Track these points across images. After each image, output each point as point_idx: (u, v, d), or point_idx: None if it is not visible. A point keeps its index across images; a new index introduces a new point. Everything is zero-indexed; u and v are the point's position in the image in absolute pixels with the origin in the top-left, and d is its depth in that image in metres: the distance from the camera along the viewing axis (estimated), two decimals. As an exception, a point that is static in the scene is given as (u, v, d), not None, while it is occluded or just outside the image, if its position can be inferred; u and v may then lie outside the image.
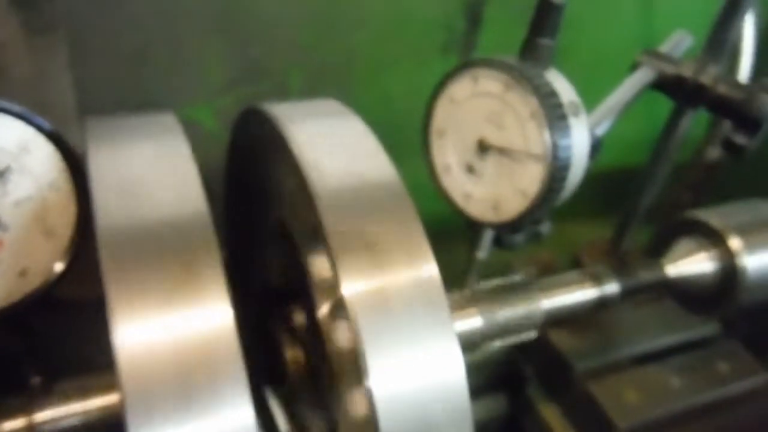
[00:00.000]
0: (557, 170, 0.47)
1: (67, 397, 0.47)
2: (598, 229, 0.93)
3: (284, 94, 0.79)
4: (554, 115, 0.46)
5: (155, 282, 0.35)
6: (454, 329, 0.39)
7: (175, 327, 0.34)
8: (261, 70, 0.76)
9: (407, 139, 0.66)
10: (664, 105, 0.72)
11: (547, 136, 0.46)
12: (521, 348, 0.76)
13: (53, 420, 0.46)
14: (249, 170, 0.56)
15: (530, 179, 0.48)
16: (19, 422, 0.45)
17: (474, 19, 0.88)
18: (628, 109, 0.65)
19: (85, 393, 0.48)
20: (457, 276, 0.59)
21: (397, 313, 0.38)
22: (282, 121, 0.45)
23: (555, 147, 0.46)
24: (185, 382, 0.33)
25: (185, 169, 0.41)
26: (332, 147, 0.45)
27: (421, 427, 0.37)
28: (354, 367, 0.37)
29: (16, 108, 0.42)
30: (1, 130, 0.41)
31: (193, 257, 0.36)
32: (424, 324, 0.39)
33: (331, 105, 0.51)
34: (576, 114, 0.47)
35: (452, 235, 0.56)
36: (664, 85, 0.68)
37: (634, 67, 0.69)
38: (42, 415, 0.46)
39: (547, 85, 0.47)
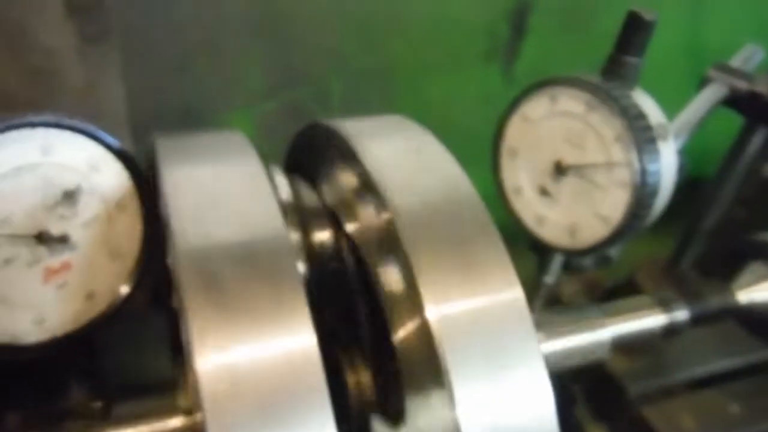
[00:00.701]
0: (645, 197, 0.44)
1: (128, 422, 0.46)
2: (649, 245, 0.90)
3: (324, 100, 0.79)
4: (643, 138, 0.43)
5: (237, 307, 0.33)
6: (543, 361, 0.37)
7: (258, 355, 0.32)
8: (301, 77, 0.76)
9: (446, 145, 0.64)
10: (723, 114, 0.69)
11: (635, 160, 0.43)
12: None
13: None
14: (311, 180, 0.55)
15: (613, 205, 0.45)
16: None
17: (518, 27, 0.86)
18: (699, 128, 0.62)
19: (145, 418, 0.46)
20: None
21: (484, 340, 0.36)
22: (354, 138, 0.44)
23: (644, 172, 0.44)
24: (267, 411, 0.31)
25: (261, 190, 0.39)
26: (410, 166, 0.43)
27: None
28: (437, 396, 0.35)
29: (88, 127, 0.41)
30: (72, 150, 0.40)
31: (275, 281, 0.34)
32: (512, 353, 0.37)
33: (401, 122, 0.49)
34: (665, 137, 0.45)
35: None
36: (736, 101, 0.65)
37: (703, 82, 0.66)
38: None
39: (635, 106, 0.44)
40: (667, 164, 0.45)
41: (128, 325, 0.46)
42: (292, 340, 0.33)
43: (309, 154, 0.54)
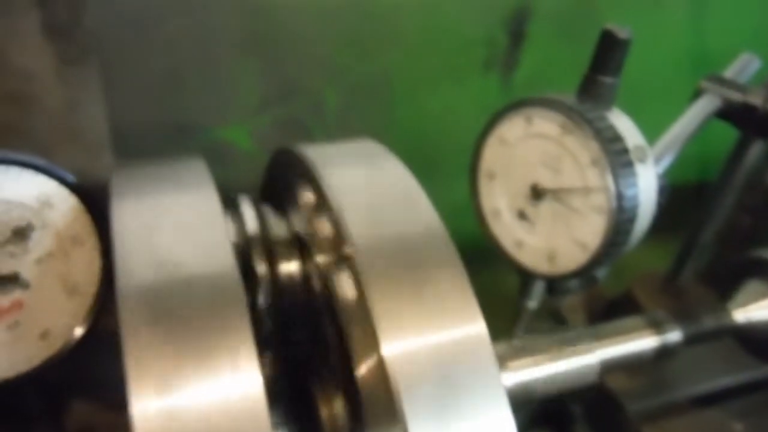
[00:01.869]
0: (622, 223, 0.42)
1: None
2: (650, 253, 0.87)
3: (320, 113, 0.77)
4: (619, 162, 0.41)
5: (178, 347, 0.32)
6: (506, 400, 0.35)
7: (199, 397, 0.31)
8: (296, 90, 0.75)
9: (444, 157, 0.62)
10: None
11: (611, 185, 0.41)
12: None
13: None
14: (283, 207, 0.53)
15: (591, 231, 0.43)
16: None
17: (516, 35, 0.84)
18: (690, 142, 0.60)
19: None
20: (500, 305, 0.55)
21: (443, 378, 0.35)
22: (318, 165, 0.42)
23: (620, 197, 0.42)
24: None
25: (211, 222, 0.37)
26: (371, 194, 0.41)
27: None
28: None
29: (38, 161, 0.39)
30: (22, 186, 0.39)
31: (220, 319, 0.33)
32: (473, 393, 0.35)
33: (369, 147, 0.48)
34: (642, 159, 0.43)
35: (495, 258, 0.53)
36: (729, 114, 0.63)
37: (696, 94, 0.64)
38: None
39: (611, 128, 0.42)
40: (645, 188, 0.43)
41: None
42: (237, 386, 0.31)
43: (280, 181, 0.52)
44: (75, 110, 0.66)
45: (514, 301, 0.57)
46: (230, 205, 0.47)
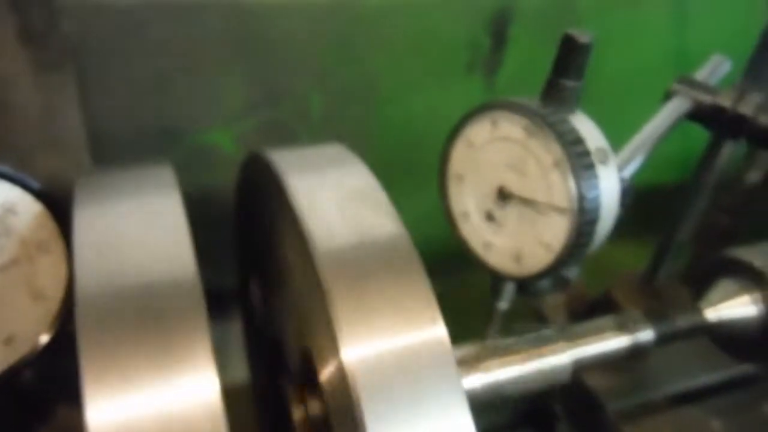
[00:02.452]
0: (584, 224, 0.43)
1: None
2: (634, 253, 0.88)
3: (304, 117, 0.78)
4: (580, 164, 0.42)
5: (133, 357, 0.32)
6: (466, 404, 0.36)
7: (154, 403, 0.31)
8: (281, 94, 0.75)
9: (429, 159, 0.63)
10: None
11: (572, 187, 0.42)
12: (551, 385, 0.72)
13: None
14: (254, 216, 0.54)
15: (555, 232, 0.44)
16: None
17: (499, 38, 0.85)
18: (660, 145, 0.61)
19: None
20: (477, 304, 0.56)
21: (403, 383, 0.35)
22: (283, 170, 0.42)
23: (581, 199, 0.42)
24: None
25: (175, 229, 0.38)
26: (335, 200, 0.41)
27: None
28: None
29: (1, 168, 0.40)
30: (-16, 193, 0.39)
31: (177, 327, 0.33)
32: (434, 396, 0.35)
33: (337, 151, 0.48)
34: (604, 161, 0.43)
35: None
36: (700, 115, 0.64)
37: (667, 96, 0.65)
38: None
39: (572, 131, 0.43)
40: (607, 190, 0.43)
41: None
42: (195, 390, 0.32)
43: (250, 186, 0.53)
44: (52, 116, 0.66)
45: (490, 304, 0.58)
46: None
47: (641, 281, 0.83)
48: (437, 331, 0.36)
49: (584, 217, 0.42)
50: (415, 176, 0.73)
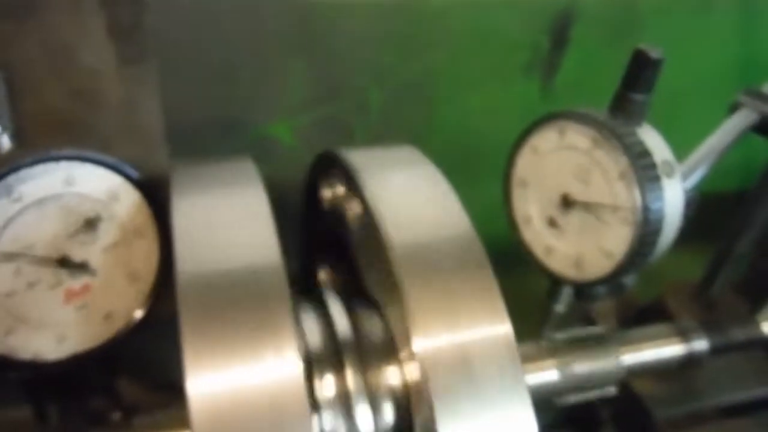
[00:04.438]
0: (647, 235, 0.44)
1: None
2: (685, 261, 0.87)
3: (363, 113, 0.79)
4: (646, 176, 0.43)
5: (228, 333, 0.35)
6: (529, 399, 0.38)
7: (245, 379, 0.34)
8: (340, 90, 0.77)
9: (485, 159, 0.64)
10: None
11: (637, 198, 0.43)
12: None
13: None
14: (324, 211, 0.56)
15: (617, 241, 0.45)
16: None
17: (559, 39, 0.85)
18: (724, 157, 0.61)
19: (159, 429, 0.49)
20: (529, 306, 0.57)
21: (471, 376, 0.37)
22: (358, 171, 0.45)
23: (645, 210, 0.43)
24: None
25: (263, 221, 0.41)
26: (407, 199, 0.44)
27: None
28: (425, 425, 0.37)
29: (109, 159, 0.43)
30: (93, 181, 0.43)
31: (266, 310, 0.36)
32: (498, 391, 0.37)
33: (408, 153, 0.51)
34: (670, 174, 0.44)
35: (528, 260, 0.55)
36: (767, 128, 0.64)
37: (732, 108, 0.65)
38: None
39: (640, 144, 0.44)
40: (672, 202, 0.44)
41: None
42: (280, 369, 0.35)
43: (322, 181, 0.55)
44: (134, 107, 0.70)
45: (543, 303, 0.59)
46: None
47: (695, 290, 0.83)
48: (504, 328, 0.38)
49: (647, 228, 0.44)
50: (469, 175, 0.74)
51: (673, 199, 0.45)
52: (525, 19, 0.81)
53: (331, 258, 0.58)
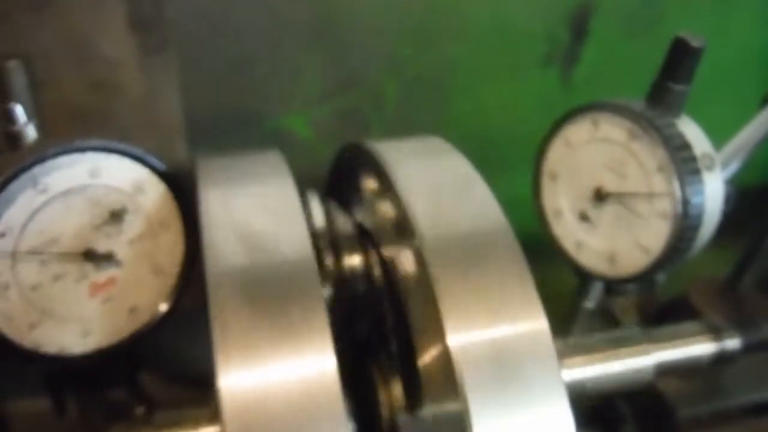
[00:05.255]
0: (686, 229, 0.43)
1: (167, 428, 0.48)
2: (710, 257, 0.86)
3: (379, 105, 0.79)
4: (686, 169, 0.42)
5: (262, 328, 0.34)
6: (566, 396, 0.37)
7: (279, 373, 0.33)
8: (357, 81, 0.76)
9: (502, 152, 0.63)
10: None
11: (677, 192, 0.42)
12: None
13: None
14: (349, 199, 0.55)
15: (654, 236, 0.44)
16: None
17: (579, 31, 0.84)
18: (758, 149, 0.59)
19: (183, 425, 0.48)
20: (553, 301, 0.56)
21: (506, 372, 0.36)
22: (387, 160, 0.44)
23: (685, 204, 0.42)
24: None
25: (293, 213, 0.40)
26: (439, 191, 0.43)
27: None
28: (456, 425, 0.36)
29: (134, 150, 0.43)
30: (119, 172, 0.42)
31: (300, 305, 0.36)
32: (534, 387, 0.37)
33: (436, 143, 0.49)
34: (710, 167, 0.43)
35: (547, 253, 0.54)
36: (802, 121, 0.62)
37: (765, 100, 0.63)
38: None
39: (679, 136, 0.43)
40: (712, 196, 0.43)
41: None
42: (314, 365, 0.34)
43: (347, 174, 0.54)
44: (154, 98, 0.69)
45: (566, 298, 0.58)
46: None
47: (722, 287, 0.81)
48: (540, 323, 0.37)
49: (687, 223, 0.42)
50: (485, 168, 0.73)
51: (713, 192, 0.43)
52: (543, 11, 0.80)
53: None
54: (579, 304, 0.55)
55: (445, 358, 0.36)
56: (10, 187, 0.38)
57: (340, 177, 0.57)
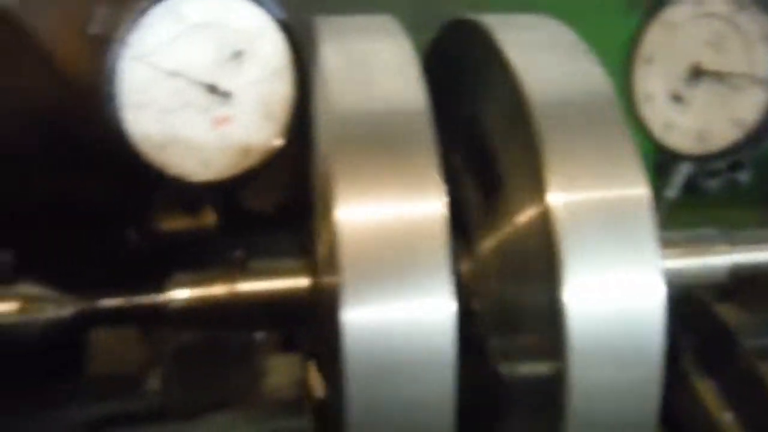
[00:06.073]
0: (785, 98, 0.43)
1: (259, 274, 0.51)
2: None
3: None
4: (791, 36, 0.43)
5: (375, 172, 0.36)
6: (659, 258, 0.37)
7: (389, 212, 0.35)
8: None
9: None
10: None
11: (779, 59, 0.43)
12: (681, 316, 0.72)
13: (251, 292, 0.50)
14: (449, 75, 0.56)
15: (750, 107, 0.45)
16: (222, 288, 0.50)
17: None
18: None
19: (276, 274, 0.51)
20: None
21: (604, 231, 0.37)
22: (495, 31, 0.45)
23: (786, 72, 0.43)
24: (394, 265, 0.34)
25: (408, 65, 0.41)
26: (550, 60, 0.44)
27: (607, 353, 0.36)
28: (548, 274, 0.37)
29: (261, -5, 0.45)
30: (242, 15, 0.45)
31: (413, 150, 0.37)
32: (631, 246, 0.37)
33: (544, 19, 0.50)
34: (814, 39, 0.43)
35: None
36: None
37: None
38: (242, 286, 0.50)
39: (786, 5, 0.43)
40: (813, 68, 0.44)
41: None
42: (425, 206, 0.35)
43: (452, 45, 0.55)
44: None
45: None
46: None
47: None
48: (642, 189, 0.37)
49: (786, 90, 0.43)
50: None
51: (815, 64, 0.44)
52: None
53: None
54: (659, 195, 0.55)
55: (544, 216, 0.37)
56: (152, 11, 0.42)
57: (441, 46, 0.58)
